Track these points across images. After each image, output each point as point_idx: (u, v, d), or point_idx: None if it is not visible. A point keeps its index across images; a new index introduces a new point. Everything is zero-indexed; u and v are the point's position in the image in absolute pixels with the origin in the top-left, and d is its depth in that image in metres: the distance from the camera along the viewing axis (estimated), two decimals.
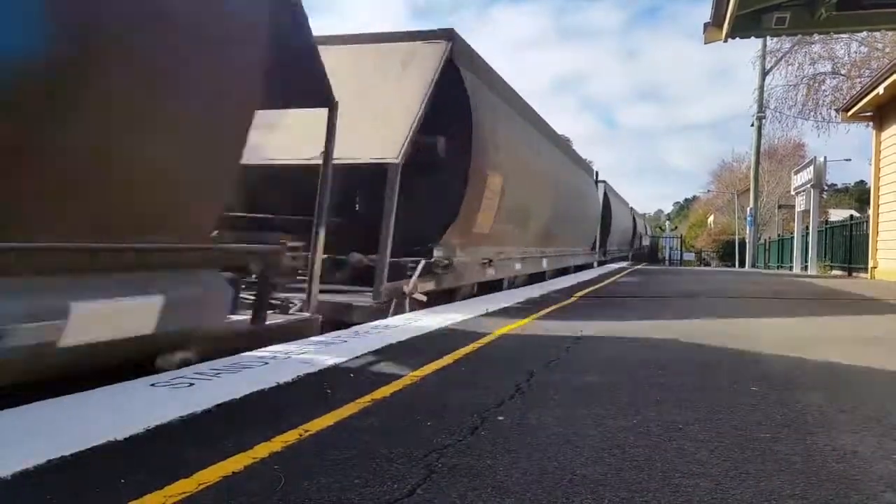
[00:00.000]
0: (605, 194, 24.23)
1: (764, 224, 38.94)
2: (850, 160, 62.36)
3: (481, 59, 9.00)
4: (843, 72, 27.03)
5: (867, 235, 15.35)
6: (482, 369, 3.77)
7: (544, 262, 14.06)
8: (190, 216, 3.72)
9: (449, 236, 7.87)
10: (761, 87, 27.36)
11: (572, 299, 8.65)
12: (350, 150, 6.36)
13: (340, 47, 7.92)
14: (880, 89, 12.99)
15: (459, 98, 7.83)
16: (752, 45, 29.02)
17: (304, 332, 4.91)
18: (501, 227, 9.82)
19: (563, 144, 16.40)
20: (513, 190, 10.04)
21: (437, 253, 7.59)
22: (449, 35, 7.75)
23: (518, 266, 11.63)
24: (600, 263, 23.88)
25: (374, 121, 6.99)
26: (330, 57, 7.65)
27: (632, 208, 38.42)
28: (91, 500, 1.83)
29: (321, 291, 5.48)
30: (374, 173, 6.83)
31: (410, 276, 7.00)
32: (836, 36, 23.13)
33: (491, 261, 9.73)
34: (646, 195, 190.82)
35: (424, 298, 7.05)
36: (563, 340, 4.85)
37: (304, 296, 5.28)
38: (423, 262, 7.17)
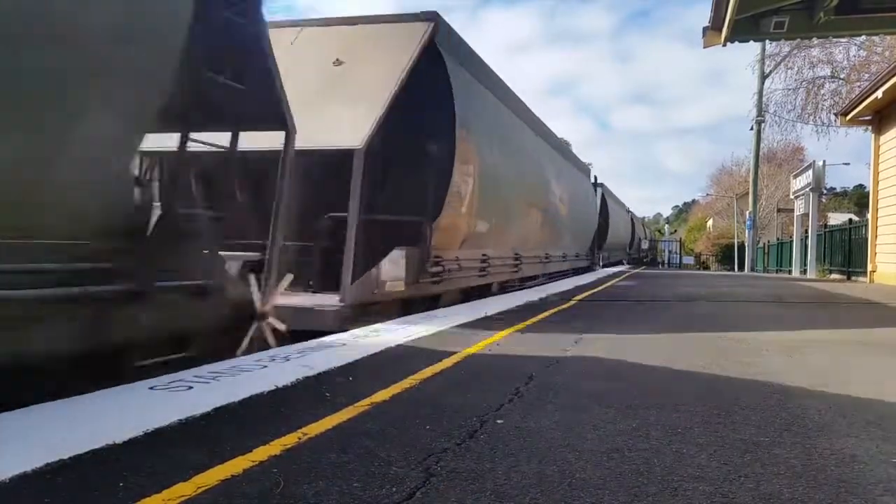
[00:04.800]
0: (603, 197, 24.28)
1: (763, 228, 38.93)
2: (848, 164, 62.67)
3: (471, 49, 8.53)
4: (841, 76, 27.08)
5: (866, 239, 15.35)
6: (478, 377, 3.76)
7: (540, 266, 13.97)
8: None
9: (430, 235, 7.34)
10: (760, 91, 27.40)
11: (571, 303, 8.65)
12: (315, 136, 5.79)
13: (316, 29, 7.64)
14: (879, 93, 13.00)
15: (442, 84, 7.29)
16: (748, 48, 29.12)
17: None
18: (491, 229, 9.54)
19: (560, 147, 16.40)
20: (506, 190, 9.83)
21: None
22: (431, 17, 7.25)
23: (511, 270, 11.41)
24: (599, 266, 23.91)
25: (342, 105, 6.62)
26: (306, 40, 7.51)
27: (630, 211, 38.50)
28: (90, 503, 1.83)
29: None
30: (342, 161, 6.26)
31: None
32: (834, 40, 23.14)
33: (482, 264, 9.44)
34: (644, 198, 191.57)
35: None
36: (560, 347, 4.84)
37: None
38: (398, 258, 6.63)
